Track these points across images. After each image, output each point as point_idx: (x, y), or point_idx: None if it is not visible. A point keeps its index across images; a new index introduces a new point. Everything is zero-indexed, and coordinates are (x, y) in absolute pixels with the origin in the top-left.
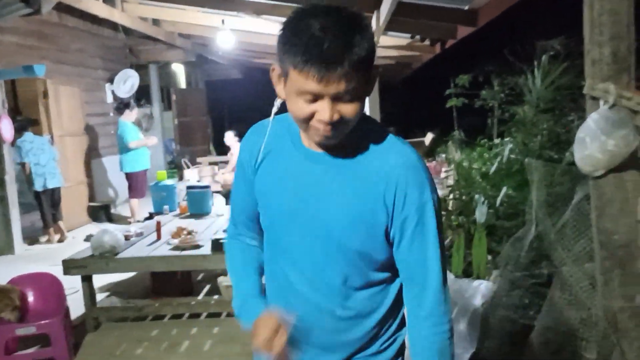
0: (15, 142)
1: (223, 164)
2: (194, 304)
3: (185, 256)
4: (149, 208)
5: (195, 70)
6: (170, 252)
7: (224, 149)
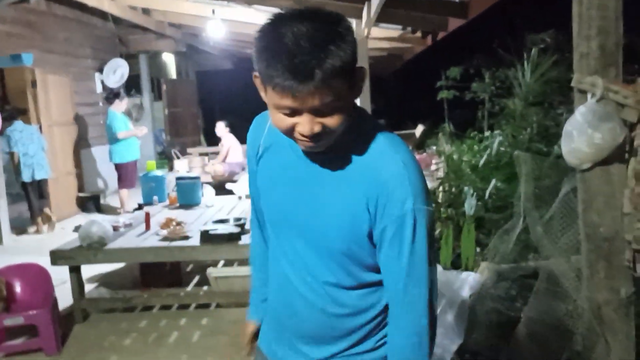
0: (5, 131)
1: (213, 154)
2: (182, 295)
3: (174, 247)
4: (138, 199)
5: (185, 61)
6: (159, 243)
7: (215, 140)
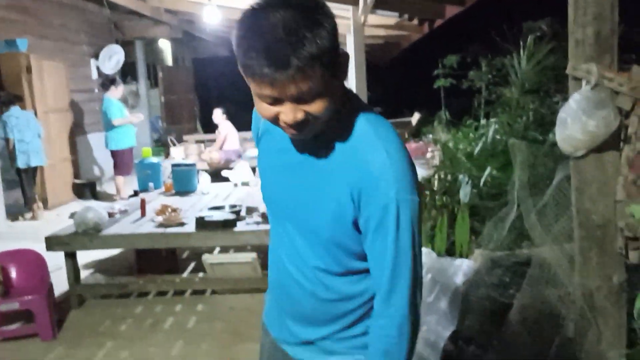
0: (1, 117)
1: (210, 142)
2: (178, 281)
3: (170, 234)
4: (134, 186)
5: (182, 47)
6: (154, 230)
7: (212, 128)
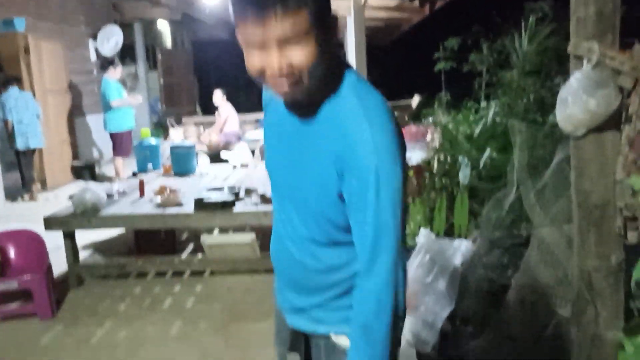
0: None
1: (209, 124)
2: (177, 262)
3: (168, 214)
4: (133, 168)
5: (181, 30)
6: (153, 210)
7: (211, 110)
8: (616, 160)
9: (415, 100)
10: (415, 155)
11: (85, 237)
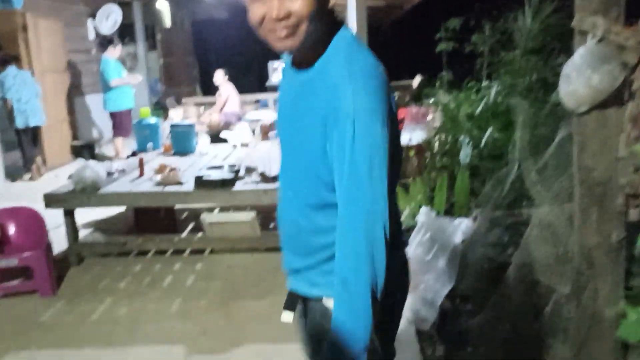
0: None
1: (209, 105)
2: (177, 240)
3: (168, 192)
4: (133, 147)
5: (180, 9)
6: (152, 188)
7: (211, 91)
8: (619, 137)
9: (417, 80)
10: (416, 136)
11: (85, 216)
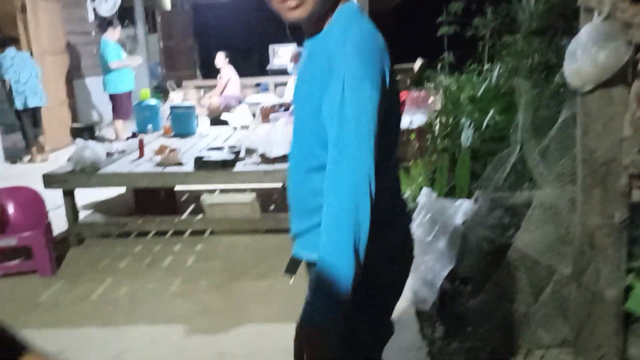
0: None
1: (209, 88)
2: (177, 221)
3: (168, 173)
4: (133, 130)
5: None
6: (152, 169)
7: (212, 75)
8: (623, 117)
9: (418, 64)
10: (416, 119)
11: (85, 198)
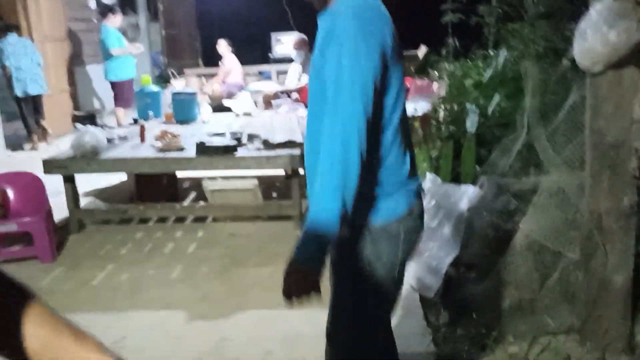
0: None
1: (211, 76)
2: (178, 208)
3: (169, 158)
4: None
5: None
6: (154, 154)
7: (214, 63)
8: (634, 99)
9: (422, 51)
10: (420, 107)
11: (86, 184)
